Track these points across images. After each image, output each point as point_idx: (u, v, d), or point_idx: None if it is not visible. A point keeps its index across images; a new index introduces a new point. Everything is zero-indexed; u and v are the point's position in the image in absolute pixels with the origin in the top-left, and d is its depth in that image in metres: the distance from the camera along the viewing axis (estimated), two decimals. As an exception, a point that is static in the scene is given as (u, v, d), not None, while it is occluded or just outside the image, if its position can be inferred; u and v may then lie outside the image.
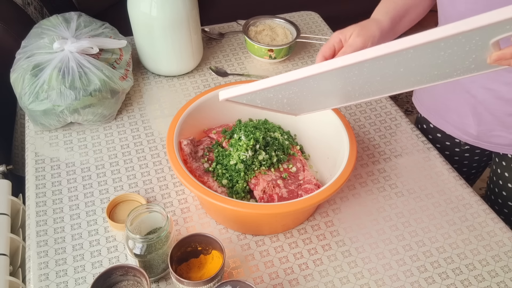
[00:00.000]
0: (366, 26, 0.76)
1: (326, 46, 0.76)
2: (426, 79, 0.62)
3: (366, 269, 0.77)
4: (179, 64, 1.11)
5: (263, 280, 0.75)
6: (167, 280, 0.75)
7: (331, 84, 0.65)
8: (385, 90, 0.67)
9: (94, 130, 0.99)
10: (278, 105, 0.75)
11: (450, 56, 0.53)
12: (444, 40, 0.48)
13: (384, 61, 0.54)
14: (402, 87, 0.65)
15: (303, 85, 0.64)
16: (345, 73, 0.59)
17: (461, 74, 0.59)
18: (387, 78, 0.61)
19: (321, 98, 0.73)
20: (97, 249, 0.78)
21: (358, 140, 0.99)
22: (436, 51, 0.51)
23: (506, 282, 0.76)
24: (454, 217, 0.85)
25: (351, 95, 0.69)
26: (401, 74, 0.60)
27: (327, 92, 0.70)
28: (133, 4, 1.03)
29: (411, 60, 0.54)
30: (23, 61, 0.94)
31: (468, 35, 0.47)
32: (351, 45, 0.74)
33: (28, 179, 0.89)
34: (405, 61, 0.54)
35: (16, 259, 0.85)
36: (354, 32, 0.75)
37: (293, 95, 0.69)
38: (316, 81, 0.62)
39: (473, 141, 0.96)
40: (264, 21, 1.24)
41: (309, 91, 0.68)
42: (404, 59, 0.54)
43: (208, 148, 0.89)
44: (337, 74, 0.59)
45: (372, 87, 0.65)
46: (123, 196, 0.84)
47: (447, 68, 0.57)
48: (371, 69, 0.57)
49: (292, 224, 0.82)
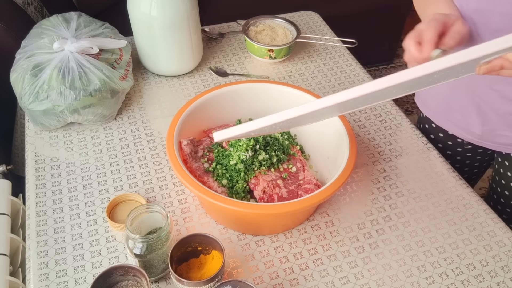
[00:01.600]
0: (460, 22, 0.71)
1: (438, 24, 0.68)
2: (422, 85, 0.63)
3: (366, 269, 0.77)
4: (179, 64, 1.11)
5: (263, 280, 0.75)
6: (167, 280, 0.75)
7: (328, 112, 0.69)
8: (387, 98, 0.68)
9: (94, 130, 0.99)
10: (271, 131, 0.77)
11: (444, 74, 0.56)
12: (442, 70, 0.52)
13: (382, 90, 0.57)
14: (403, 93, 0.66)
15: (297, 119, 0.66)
16: (341, 106, 0.62)
17: (459, 76, 0.60)
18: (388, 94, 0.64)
19: (316, 117, 0.74)
20: (97, 249, 0.78)
21: (358, 140, 0.99)
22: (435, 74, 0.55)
23: (506, 282, 0.76)
24: (454, 217, 0.85)
25: (353, 107, 0.70)
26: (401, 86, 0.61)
27: (323, 114, 0.71)
28: (133, 4, 1.03)
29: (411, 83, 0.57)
30: (23, 61, 0.94)
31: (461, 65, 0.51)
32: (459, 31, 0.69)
33: (28, 179, 0.89)
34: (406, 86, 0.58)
35: (16, 259, 0.85)
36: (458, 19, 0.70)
37: (289, 124, 0.71)
38: (314, 114, 0.64)
39: (476, 140, 0.96)
40: (264, 21, 1.24)
41: (303, 120, 0.70)
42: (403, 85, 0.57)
43: (208, 148, 0.89)
44: (337, 106, 0.62)
45: (374, 100, 0.67)
46: (123, 196, 0.84)
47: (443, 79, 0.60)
48: (372, 96, 0.60)
49: (292, 224, 0.82)
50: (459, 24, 0.69)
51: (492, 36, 0.49)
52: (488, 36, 0.53)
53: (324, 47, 1.26)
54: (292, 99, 0.89)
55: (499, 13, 0.74)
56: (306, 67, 1.19)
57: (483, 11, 0.76)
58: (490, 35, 0.51)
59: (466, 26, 0.70)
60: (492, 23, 0.76)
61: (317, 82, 1.14)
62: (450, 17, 0.70)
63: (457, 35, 0.69)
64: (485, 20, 0.77)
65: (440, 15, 0.70)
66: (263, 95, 0.92)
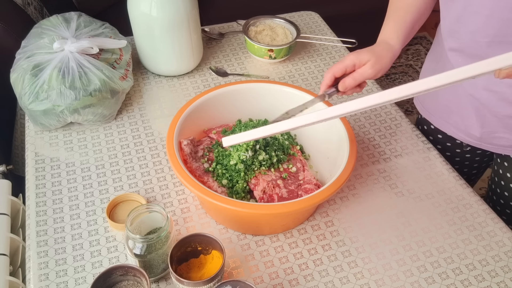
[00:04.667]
0: (381, 57, 0.78)
1: (338, 67, 0.77)
2: None
3: (366, 269, 0.77)
4: (179, 64, 1.11)
5: (263, 280, 0.75)
6: (167, 280, 0.75)
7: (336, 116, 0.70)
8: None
9: (94, 130, 0.99)
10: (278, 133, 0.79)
11: None
12: None
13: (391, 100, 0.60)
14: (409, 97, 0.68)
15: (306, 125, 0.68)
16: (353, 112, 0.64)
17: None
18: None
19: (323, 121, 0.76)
20: (97, 249, 0.78)
21: (358, 140, 0.99)
22: None
23: (506, 282, 0.76)
24: (454, 217, 0.85)
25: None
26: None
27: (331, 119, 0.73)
28: (133, 4, 1.03)
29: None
30: (23, 61, 0.94)
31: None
32: (362, 74, 0.76)
33: (28, 179, 0.89)
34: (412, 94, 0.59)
35: (16, 259, 0.85)
36: (369, 61, 0.76)
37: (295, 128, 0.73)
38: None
39: (475, 142, 0.96)
40: (264, 21, 1.24)
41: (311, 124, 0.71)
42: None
43: (208, 148, 0.89)
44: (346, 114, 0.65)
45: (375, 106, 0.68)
46: (123, 196, 0.84)
47: None
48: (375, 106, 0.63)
49: (292, 224, 0.82)
50: (367, 67, 0.76)
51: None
52: None
53: (324, 47, 1.26)
54: (292, 99, 0.89)
55: None
56: (306, 67, 1.19)
57: None
58: None
59: (373, 70, 0.76)
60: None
61: (317, 82, 1.14)
62: (362, 58, 0.76)
63: (360, 77, 0.76)
64: None
65: (355, 55, 0.76)
66: (263, 95, 0.92)
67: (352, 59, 0.76)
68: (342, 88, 0.77)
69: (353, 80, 0.76)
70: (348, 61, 0.76)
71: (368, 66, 0.76)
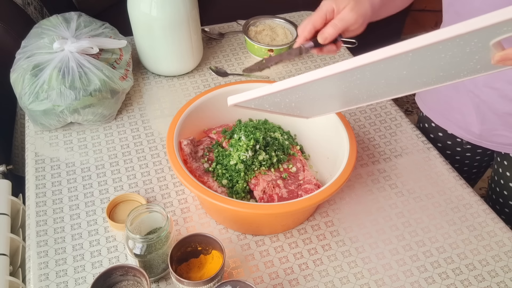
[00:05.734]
0: (360, 1, 0.71)
1: (317, 15, 0.70)
2: (432, 80, 0.62)
3: (366, 269, 0.77)
4: (179, 64, 1.11)
5: (263, 280, 0.75)
6: (167, 280, 0.75)
7: (335, 87, 0.66)
8: (393, 92, 0.67)
9: (94, 130, 0.99)
10: (287, 109, 0.74)
11: (452, 58, 0.53)
12: (442, 43, 0.48)
13: (384, 64, 0.54)
14: (409, 89, 0.65)
15: (307, 89, 0.64)
16: (347, 77, 0.59)
17: (467, 75, 0.59)
18: (392, 80, 0.62)
19: (330, 101, 0.73)
20: (97, 249, 0.78)
21: (358, 140, 0.99)
22: (436, 53, 0.51)
23: (506, 282, 0.76)
24: (454, 217, 0.85)
25: (360, 98, 0.70)
26: (406, 77, 0.60)
27: (334, 95, 0.70)
28: (133, 4, 1.03)
29: (412, 63, 0.54)
30: (23, 61, 0.94)
31: (465, 37, 0.47)
32: (342, 19, 0.70)
33: (28, 179, 0.89)
34: (406, 64, 0.55)
35: (16, 259, 0.85)
36: (348, 5, 0.70)
37: (300, 99, 0.69)
38: (319, 85, 0.63)
39: (475, 140, 0.96)
40: (264, 21, 1.24)
41: (315, 95, 0.68)
42: (405, 63, 0.54)
43: (208, 148, 0.89)
44: (339, 78, 0.59)
45: (379, 90, 0.66)
46: (123, 196, 0.84)
47: (452, 69, 0.58)
48: (373, 73, 0.58)
49: (292, 224, 0.82)
50: (346, 11, 0.69)
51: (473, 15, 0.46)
52: (468, 15, 0.50)
53: (324, 47, 1.26)
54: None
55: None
56: (306, 67, 1.19)
57: None
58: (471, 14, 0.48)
59: (354, 13, 0.69)
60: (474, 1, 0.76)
61: (317, 82, 1.14)
62: (340, 2, 0.70)
63: (340, 23, 0.69)
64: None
65: (330, 2, 0.70)
66: (263, 95, 0.92)
67: (329, 3, 0.70)
68: (321, 39, 0.70)
69: (333, 29, 0.70)
70: (327, 6, 0.70)
71: (348, 10, 0.69)
